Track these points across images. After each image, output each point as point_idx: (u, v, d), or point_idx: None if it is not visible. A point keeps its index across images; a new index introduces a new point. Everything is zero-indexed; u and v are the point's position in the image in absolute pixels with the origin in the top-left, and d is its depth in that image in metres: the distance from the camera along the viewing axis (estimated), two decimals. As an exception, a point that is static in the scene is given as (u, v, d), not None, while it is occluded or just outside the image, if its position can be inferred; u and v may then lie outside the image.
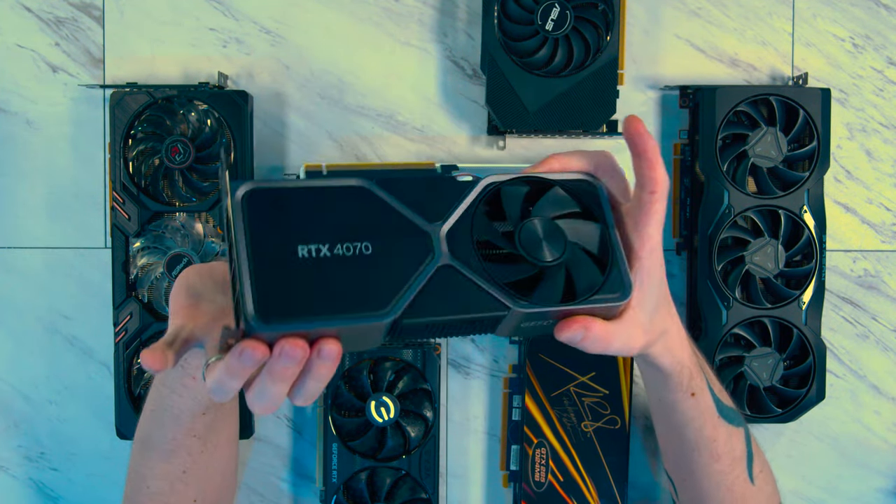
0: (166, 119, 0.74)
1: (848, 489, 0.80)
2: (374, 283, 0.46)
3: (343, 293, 0.45)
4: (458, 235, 0.48)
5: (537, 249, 0.48)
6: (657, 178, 0.49)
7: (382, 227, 0.47)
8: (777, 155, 0.73)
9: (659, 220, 0.50)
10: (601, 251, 0.50)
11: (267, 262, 0.44)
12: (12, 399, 0.79)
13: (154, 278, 0.75)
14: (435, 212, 0.48)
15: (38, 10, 0.78)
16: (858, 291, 0.80)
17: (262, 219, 0.45)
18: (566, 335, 0.48)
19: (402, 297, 0.46)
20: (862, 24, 0.79)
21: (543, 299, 0.48)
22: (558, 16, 0.71)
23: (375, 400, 0.72)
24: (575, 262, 0.49)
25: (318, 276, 0.45)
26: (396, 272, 0.47)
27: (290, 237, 0.45)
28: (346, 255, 0.46)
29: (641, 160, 0.49)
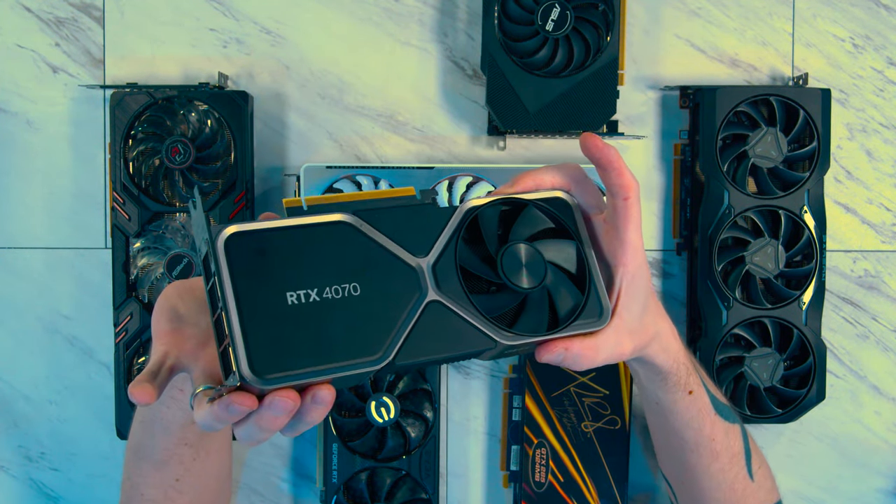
0: (166, 119, 0.74)
1: (848, 489, 0.80)
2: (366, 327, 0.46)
3: (335, 340, 0.45)
4: (444, 267, 0.48)
5: (519, 276, 0.49)
6: (627, 184, 0.50)
7: (369, 265, 0.47)
8: (777, 155, 0.73)
9: (636, 223, 0.51)
10: (579, 270, 0.51)
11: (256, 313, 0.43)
12: (12, 399, 0.79)
13: (154, 279, 0.75)
14: (419, 244, 0.48)
15: (38, 10, 0.78)
16: (858, 292, 0.80)
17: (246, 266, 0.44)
18: (547, 358, 0.49)
19: (393, 339, 0.46)
20: (862, 24, 0.79)
21: (528, 329, 0.49)
22: (558, 16, 0.71)
23: (376, 400, 0.72)
24: (555, 285, 0.50)
25: (309, 324, 0.44)
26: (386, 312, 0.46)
27: (278, 284, 0.44)
28: (336, 297, 0.45)
29: (608, 171, 0.50)
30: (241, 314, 0.43)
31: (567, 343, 0.49)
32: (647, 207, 0.79)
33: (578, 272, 0.51)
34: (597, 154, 0.50)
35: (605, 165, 0.50)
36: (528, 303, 0.50)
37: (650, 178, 0.79)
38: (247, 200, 0.74)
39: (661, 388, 0.58)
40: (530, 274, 0.49)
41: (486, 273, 0.49)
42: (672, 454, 0.64)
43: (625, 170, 0.50)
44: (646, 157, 0.79)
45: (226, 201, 0.74)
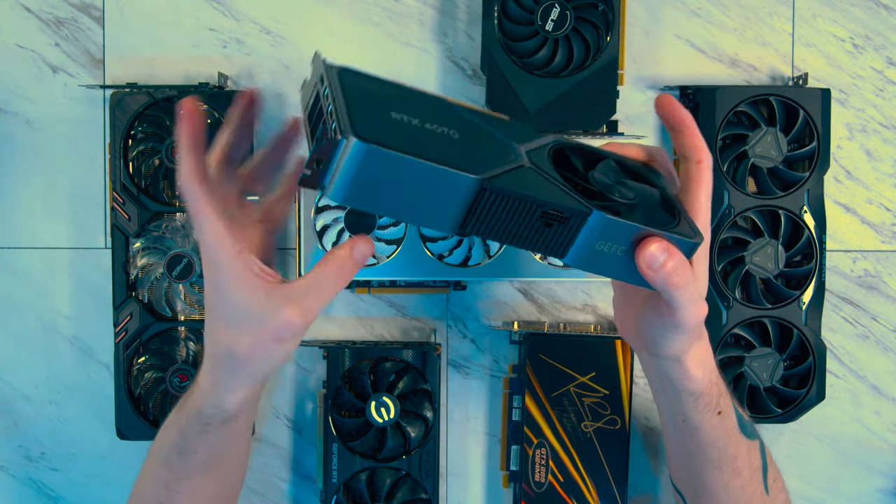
0: (166, 119, 0.74)
1: (848, 489, 0.80)
2: (464, 153, 0.44)
3: (438, 146, 0.44)
4: (537, 156, 0.47)
5: (610, 190, 0.47)
6: (701, 146, 0.49)
7: (468, 126, 0.47)
8: (777, 155, 0.73)
9: (708, 188, 0.49)
10: (665, 207, 0.49)
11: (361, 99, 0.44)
12: (12, 399, 0.79)
13: (154, 279, 0.75)
14: (516, 136, 0.48)
15: (38, 10, 0.78)
16: (858, 292, 0.80)
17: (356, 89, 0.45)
18: (649, 250, 0.45)
19: (494, 163, 0.44)
20: (862, 24, 0.79)
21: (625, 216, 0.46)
22: (558, 16, 0.71)
23: (375, 400, 0.72)
24: (646, 204, 0.47)
25: (410, 132, 0.44)
26: (484, 150, 0.45)
27: (385, 104, 0.45)
28: (437, 132, 0.45)
29: (683, 134, 0.49)
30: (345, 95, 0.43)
31: (672, 248, 0.45)
32: (647, 207, 0.79)
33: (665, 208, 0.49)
34: (671, 113, 0.49)
35: (680, 127, 0.49)
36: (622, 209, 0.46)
37: (650, 178, 0.79)
38: (247, 200, 0.74)
39: (692, 408, 0.54)
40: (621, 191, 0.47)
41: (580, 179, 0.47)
42: (691, 471, 0.61)
43: (698, 133, 0.49)
44: (646, 157, 0.79)
45: (226, 201, 0.74)
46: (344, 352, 0.73)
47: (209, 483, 0.57)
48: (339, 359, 0.73)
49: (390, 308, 0.79)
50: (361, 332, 0.79)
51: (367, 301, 0.79)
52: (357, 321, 0.79)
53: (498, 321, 0.79)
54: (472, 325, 0.79)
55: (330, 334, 0.79)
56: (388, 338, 0.79)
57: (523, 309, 0.79)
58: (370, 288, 0.77)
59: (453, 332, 0.79)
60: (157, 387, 0.74)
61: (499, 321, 0.79)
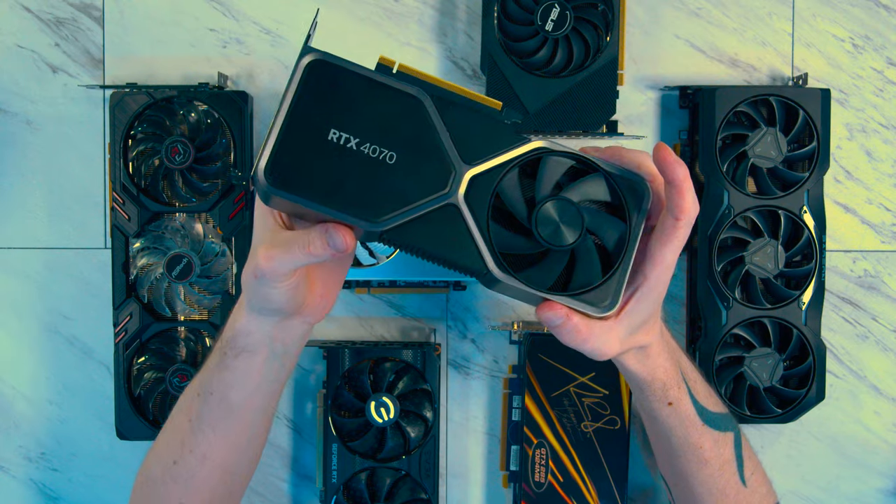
0: (166, 119, 0.74)
1: (848, 489, 0.80)
2: (379, 193, 0.47)
3: (347, 189, 0.47)
4: (482, 182, 0.48)
5: (549, 230, 0.48)
6: (685, 206, 0.49)
7: (415, 144, 0.48)
8: (777, 155, 0.73)
9: (677, 245, 0.50)
10: (614, 252, 0.50)
11: (298, 132, 0.47)
12: (12, 399, 0.79)
13: (154, 279, 0.75)
14: (472, 152, 0.49)
15: (38, 10, 0.78)
16: (858, 292, 0.80)
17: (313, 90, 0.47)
18: (546, 315, 0.49)
19: (397, 216, 0.47)
20: (862, 24, 0.79)
21: (532, 278, 0.49)
22: (558, 16, 0.71)
23: (375, 400, 0.72)
24: (583, 253, 0.49)
25: (334, 164, 0.47)
26: (405, 192, 0.47)
27: (328, 117, 0.47)
28: (370, 155, 0.47)
29: (671, 187, 0.49)
30: (284, 126, 0.47)
31: (570, 312, 0.49)
32: (647, 207, 0.79)
33: (613, 252, 0.50)
34: (665, 168, 0.49)
35: (670, 181, 0.49)
36: (549, 257, 0.49)
37: (650, 178, 0.79)
38: (246, 201, 0.74)
39: (641, 395, 0.59)
40: (562, 232, 0.48)
41: (520, 212, 0.49)
42: (664, 456, 0.64)
43: (687, 192, 0.49)
44: (646, 157, 0.79)
45: (226, 201, 0.74)
46: (344, 352, 0.73)
47: (220, 447, 0.58)
48: (339, 359, 0.73)
49: (390, 308, 0.79)
50: (361, 332, 0.79)
51: (367, 301, 0.79)
52: (357, 321, 0.79)
53: (498, 321, 0.79)
54: (472, 325, 0.79)
55: (330, 334, 0.79)
56: (388, 338, 0.79)
57: (523, 309, 0.79)
58: (370, 288, 0.77)
59: (453, 332, 0.79)
60: (157, 387, 0.74)
61: (499, 321, 0.79)
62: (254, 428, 0.59)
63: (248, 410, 0.58)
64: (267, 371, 0.56)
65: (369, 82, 0.48)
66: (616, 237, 0.50)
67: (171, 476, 0.59)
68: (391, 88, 0.49)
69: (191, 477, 0.59)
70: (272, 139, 0.47)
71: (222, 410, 0.57)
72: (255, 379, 0.56)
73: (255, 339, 0.54)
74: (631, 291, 0.51)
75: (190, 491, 0.59)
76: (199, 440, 0.58)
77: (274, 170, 0.46)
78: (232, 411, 0.57)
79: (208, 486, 0.60)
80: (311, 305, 0.54)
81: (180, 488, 0.59)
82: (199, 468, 0.59)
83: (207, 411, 0.57)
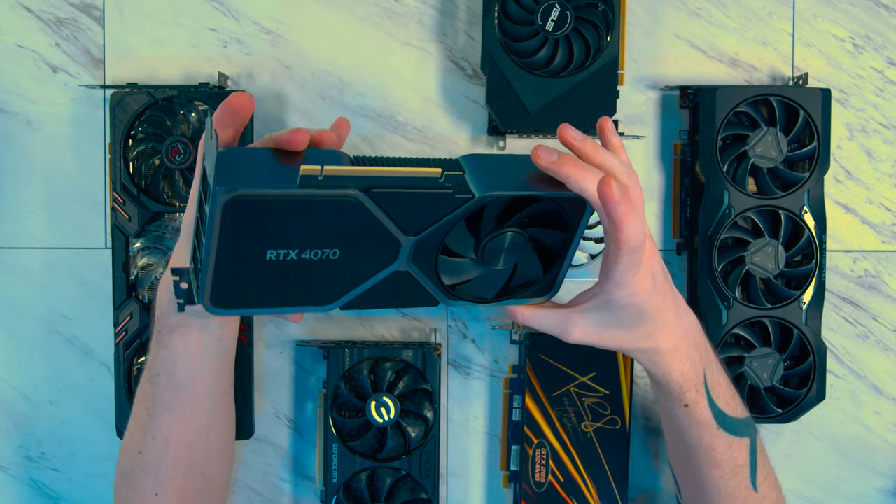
0: (166, 119, 0.74)
1: (848, 489, 0.80)
2: (329, 284, 0.48)
3: (294, 289, 0.47)
4: (426, 244, 0.50)
5: (497, 259, 0.52)
6: (622, 239, 0.51)
7: (357, 238, 0.47)
8: (777, 155, 0.73)
9: (625, 268, 0.52)
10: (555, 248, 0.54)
11: (232, 263, 0.45)
12: (12, 399, 0.79)
13: (154, 279, 0.75)
14: (415, 225, 0.49)
15: (38, 10, 0.78)
16: (859, 292, 0.80)
17: (239, 224, 0.43)
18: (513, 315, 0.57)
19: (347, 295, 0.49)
20: (862, 24, 0.79)
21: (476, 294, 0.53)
22: (558, 16, 0.71)
23: (375, 400, 0.72)
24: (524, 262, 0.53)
25: (277, 277, 0.46)
26: (353, 277, 0.49)
27: (262, 243, 0.45)
28: (313, 259, 0.47)
29: (611, 223, 0.51)
30: (217, 261, 0.44)
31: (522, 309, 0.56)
32: (648, 207, 0.79)
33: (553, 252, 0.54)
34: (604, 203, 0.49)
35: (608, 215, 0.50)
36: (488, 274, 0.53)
37: (650, 178, 0.79)
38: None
39: (658, 392, 0.61)
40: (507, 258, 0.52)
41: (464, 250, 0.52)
42: (676, 451, 0.65)
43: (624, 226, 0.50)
44: (646, 157, 0.79)
45: (226, 201, 0.73)
46: (344, 352, 0.73)
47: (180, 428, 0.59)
48: (339, 359, 0.73)
49: (390, 308, 0.79)
50: (361, 332, 0.79)
51: (368, 301, 0.79)
52: (357, 321, 0.79)
53: (498, 321, 0.79)
54: (472, 325, 0.79)
55: (330, 334, 0.79)
56: (388, 338, 0.79)
57: (523, 309, 0.79)
58: (370, 288, 0.77)
59: (453, 332, 0.79)
60: (158, 387, 0.74)
61: (499, 321, 0.79)
62: (209, 405, 0.60)
63: (197, 387, 0.58)
64: (206, 343, 0.57)
65: (296, 201, 0.44)
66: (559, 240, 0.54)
67: (140, 467, 0.60)
68: (323, 199, 0.45)
69: (158, 464, 0.59)
70: (208, 275, 0.45)
71: (171, 390, 0.58)
72: (195, 352, 0.57)
73: (183, 315, 0.55)
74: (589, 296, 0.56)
75: (161, 478, 0.60)
76: (159, 425, 0.58)
77: (218, 299, 0.46)
78: (181, 389, 0.58)
79: (178, 470, 0.60)
80: None
81: (150, 478, 0.60)
82: (165, 453, 0.59)
83: (159, 394, 0.58)
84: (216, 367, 0.59)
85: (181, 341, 0.56)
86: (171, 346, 0.56)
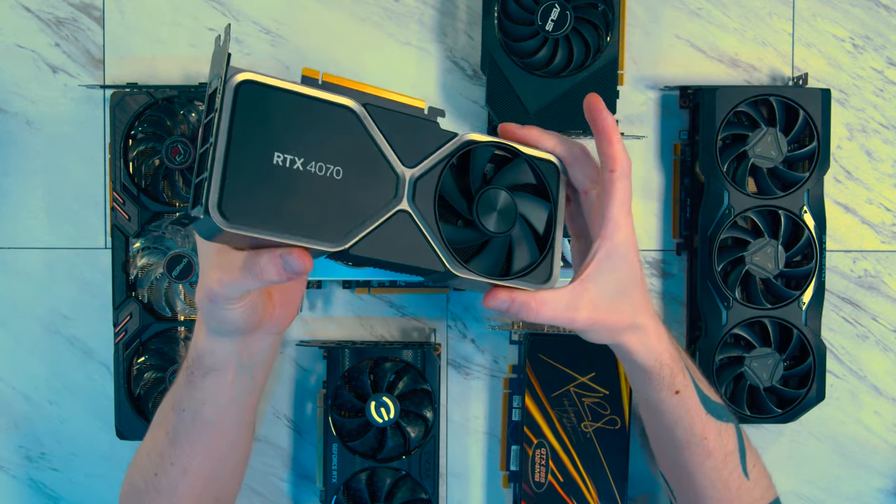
0: (166, 119, 0.74)
1: (848, 489, 0.80)
2: (335, 212, 0.47)
3: (302, 214, 0.46)
4: (424, 185, 0.50)
5: (488, 219, 0.51)
6: (615, 155, 0.51)
7: (358, 156, 0.48)
8: (777, 155, 0.73)
9: (621, 199, 0.51)
10: (545, 232, 0.53)
11: (242, 160, 0.44)
12: (12, 399, 0.79)
13: (154, 279, 0.75)
14: (410, 155, 0.50)
15: (38, 10, 0.78)
16: (858, 292, 0.80)
17: (247, 113, 0.45)
18: (493, 304, 0.51)
19: (354, 231, 0.47)
20: (862, 24, 0.79)
21: (480, 269, 0.51)
22: (558, 16, 0.71)
23: (375, 400, 0.72)
24: (518, 238, 0.52)
25: (284, 189, 0.46)
26: (357, 205, 0.48)
27: (270, 141, 0.46)
28: (318, 174, 0.47)
29: (600, 137, 0.51)
30: (227, 155, 0.44)
31: (512, 293, 0.51)
32: (648, 207, 0.79)
33: (544, 234, 0.53)
34: (591, 116, 0.51)
35: (599, 130, 0.51)
36: (489, 245, 0.52)
37: (650, 178, 0.79)
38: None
39: (647, 386, 0.58)
40: (500, 220, 0.51)
41: (461, 206, 0.51)
42: (666, 451, 0.64)
43: (615, 140, 0.51)
44: (646, 157, 0.79)
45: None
46: (344, 352, 0.73)
47: (200, 459, 0.58)
48: (339, 359, 0.73)
49: (390, 308, 0.79)
50: (361, 332, 0.79)
51: (367, 301, 0.79)
52: (357, 321, 0.79)
53: (498, 321, 0.79)
54: (472, 325, 0.79)
55: (330, 334, 0.79)
56: (388, 338, 0.79)
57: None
58: (370, 288, 0.77)
59: (453, 332, 0.79)
60: (157, 387, 0.74)
61: (499, 321, 0.79)
62: (232, 438, 0.59)
63: (223, 423, 0.57)
64: (238, 385, 0.55)
65: (301, 98, 0.47)
66: (545, 217, 0.53)
67: (154, 487, 0.59)
68: (324, 102, 0.47)
69: (174, 489, 0.59)
70: (217, 172, 0.43)
71: (197, 426, 0.56)
72: (226, 394, 0.55)
73: (220, 358, 0.53)
74: (591, 256, 0.53)
75: (175, 501, 0.59)
76: (178, 453, 0.57)
77: (227, 205, 0.43)
78: (207, 426, 0.56)
79: (192, 495, 0.59)
80: (272, 318, 0.53)
81: (164, 499, 0.59)
82: (181, 480, 0.58)
83: (182, 426, 0.57)
84: (244, 405, 0.58)
85: (214, 383, 0.54)
86: (202, 388, 0.55)
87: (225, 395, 0.55)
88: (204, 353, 0.53)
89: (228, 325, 0.51)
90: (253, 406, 0.59)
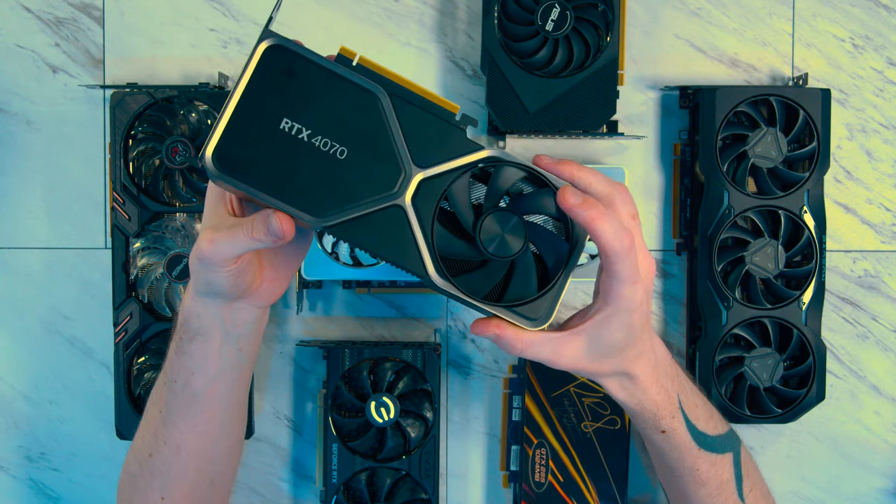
0: (166, 119, 0.74)
1: (848, 489, 0.80)
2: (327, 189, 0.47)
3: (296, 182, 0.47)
4: (430, 187, 0.49)
5: (493, 240, 0.49)
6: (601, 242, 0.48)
7: (368, 143, 0.48)
8: (777, 155, 0.73)
9: (622, 278, 0.50)
10: (553, 269, 0.51)
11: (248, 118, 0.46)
12: (12, 399, 0.79)
13: (154, 279, 0.75)
14: (426, 155, 0.49)
15: (38, 10, 0.78)
16: (858, 292, 0.80)
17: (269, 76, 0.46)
18: (478, 332, 0.51)
19: (342, 211, 0.47)
20: (862, 24, 0.79)
21: (467, 285, 0.49)
22: (558, 16, 0.71)
23: (375, 400, 0.72)
24: (522, 268, 0.50)
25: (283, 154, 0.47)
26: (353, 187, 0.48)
27: (282, 106, 0.47)
28: (321, 149, 0.47)
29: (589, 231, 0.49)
30: (236, 109, 0.46)
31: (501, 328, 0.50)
32: (648, 207, 0.79)
33: (552, 268, 0.51)
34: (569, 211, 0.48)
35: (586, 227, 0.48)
36: (487, 266, 0.50)
37: (650, 178, 0.79)
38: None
39: (633, 420, 0.58)
40: (503, 244, 0.49)
41: (466, 220, 0.49)
42: (661, 472, 0.64)
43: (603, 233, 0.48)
44: (646, 157, 0.79)
45: (226, 201, 0.73)
46: (344, 352, 0.73)
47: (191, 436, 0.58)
48: (339, 359, 0.73)
49: (390, 308, 0.79)
50: (361, 332, 0.79)
51: (367, 301, 0.79)
52: (357, 321, 0.79)
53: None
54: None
55: (330, 334, 0.79)
56: (388, 338, 0.79)
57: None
58: (370, 288, 0.77)
59: (453, 332, 0.79)
60: (157, 387, 0.74)
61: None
62: (223, 416, 0.60)
63: (212, 397, 0.58)
64: (224, 354, 0.56)
65: (327, 73, 0.48)
66: (556, 255, 0.51)
67: (148, 470, 0.60)
68: (349, 82, 0.48)
69: (167, 469, 0.59)
70: (222, 123, 0.46)
71: (187, 397, 0.57)
72: (213, 363, 0.56)
73: (206, 322, 0.55)
74: (593, 312, 0.52)
75: (169, 483, 0.60)
76: (171, 430, 0.58)
77: (221, 155, 0.46)
78: (196, 398, 0.57)
79: (187, 477, 0.60)
80: (259, 290, 0.55)
81: (159, 481, 0.60)
82: (175, 459, 0.59)
83: (174, 400, 0.58)
84: (233, 379, 0.58)
85: (200, 349, 0.56)
86: (190, 354, 0.56)
87: (213, 364, 0.56)
88: (190, 316, 0.55)
89: (215, 286, 0.52)
90: (243, 384, 0.60)
